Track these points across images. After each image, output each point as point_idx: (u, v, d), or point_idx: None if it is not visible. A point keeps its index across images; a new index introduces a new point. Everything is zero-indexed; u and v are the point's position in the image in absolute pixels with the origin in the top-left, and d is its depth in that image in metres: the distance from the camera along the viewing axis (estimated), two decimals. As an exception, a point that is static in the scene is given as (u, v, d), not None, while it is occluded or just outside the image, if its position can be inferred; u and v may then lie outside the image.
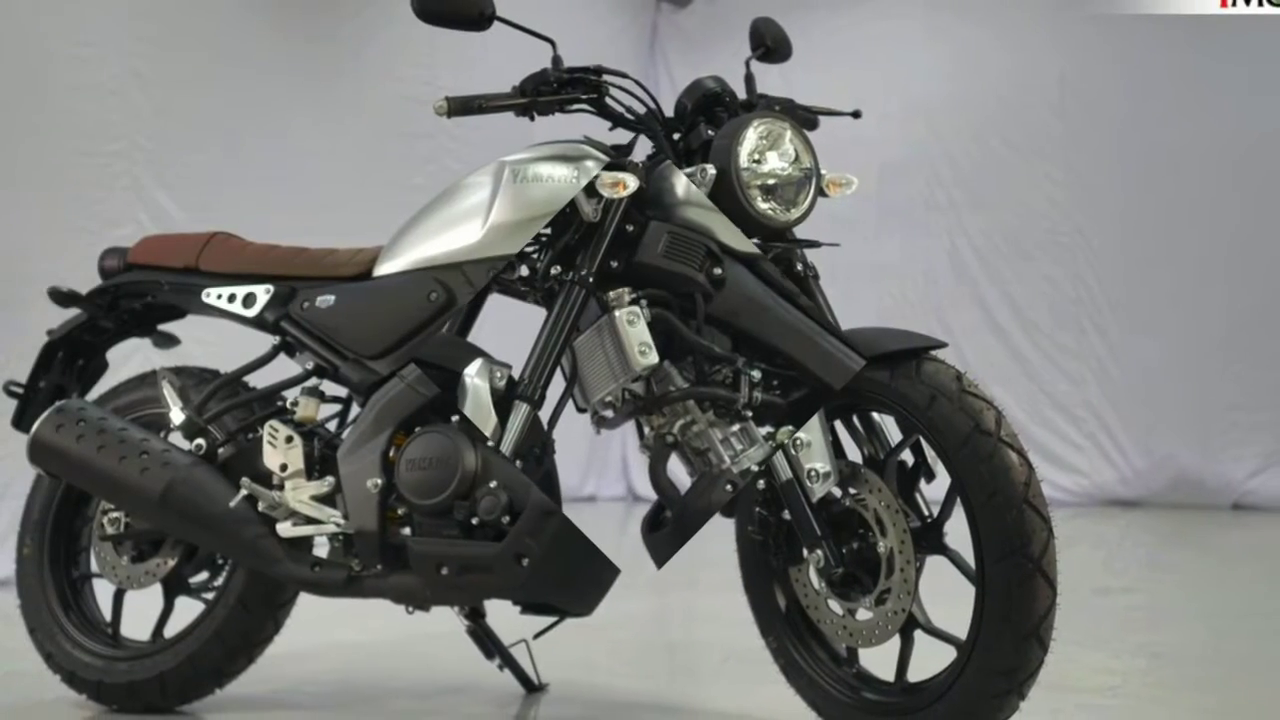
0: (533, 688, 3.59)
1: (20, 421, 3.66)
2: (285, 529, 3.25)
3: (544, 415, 3.09)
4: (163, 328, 3.82)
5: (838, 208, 3.30)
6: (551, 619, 3.30)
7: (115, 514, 3.52)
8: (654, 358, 2.91)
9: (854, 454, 2.95)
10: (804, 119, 3.24)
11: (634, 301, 2.96)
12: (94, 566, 3.66)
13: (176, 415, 3.43)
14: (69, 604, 3.66)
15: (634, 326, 2.92)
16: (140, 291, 3.63)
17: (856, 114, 3.38)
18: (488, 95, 3.02)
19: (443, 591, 3.14)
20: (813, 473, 2.80)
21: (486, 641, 3.51)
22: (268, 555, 3.27)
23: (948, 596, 2.85)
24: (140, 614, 3.63)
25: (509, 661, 3.55)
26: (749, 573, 3.09)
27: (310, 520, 3.25)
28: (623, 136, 3.16)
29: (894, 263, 8.46)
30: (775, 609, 3.05)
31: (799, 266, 3.06)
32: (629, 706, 3.50)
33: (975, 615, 2.68)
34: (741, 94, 3.16)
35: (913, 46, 8.55)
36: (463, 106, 3.00)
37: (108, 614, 3.65)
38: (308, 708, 3.57)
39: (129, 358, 4.40)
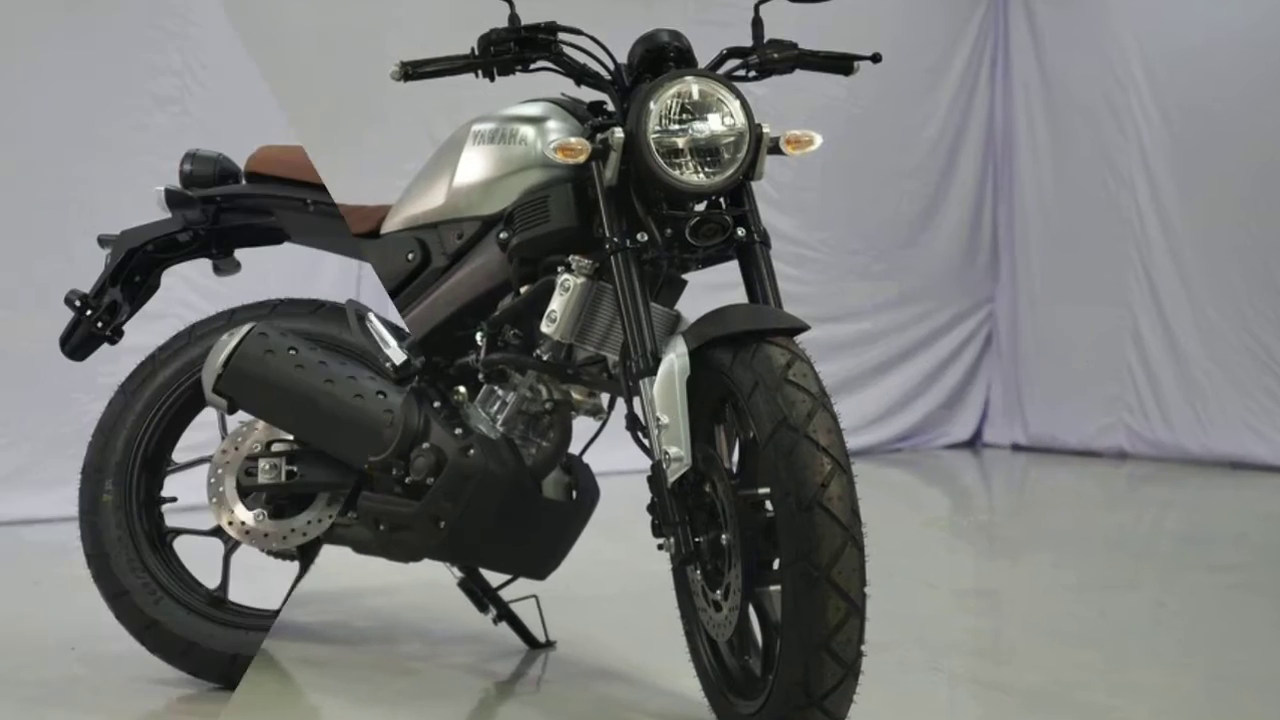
0: (537, 644, 3.33)
1: (69, 339, 3.21)
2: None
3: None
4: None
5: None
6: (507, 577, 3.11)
7: None
8: None
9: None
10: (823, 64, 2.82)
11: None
12: None
13: None
14: None
15: None
16: (259, 208, 3.30)
17: (876, 58, 2.88)
18: (442, 57, 2.79)
19: (384, 546, 2.99)
20: (667, 456, 2.44)
21: (481, 595, 3.29)
22: None
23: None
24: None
25: (506, 615, 3.31)
26: None
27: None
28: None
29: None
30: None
31: (740, 232, 2.61)
32: (632, 668, 3.16)
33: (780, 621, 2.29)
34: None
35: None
36: (416, 69, 2.78)
37: None
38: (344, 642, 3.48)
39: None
